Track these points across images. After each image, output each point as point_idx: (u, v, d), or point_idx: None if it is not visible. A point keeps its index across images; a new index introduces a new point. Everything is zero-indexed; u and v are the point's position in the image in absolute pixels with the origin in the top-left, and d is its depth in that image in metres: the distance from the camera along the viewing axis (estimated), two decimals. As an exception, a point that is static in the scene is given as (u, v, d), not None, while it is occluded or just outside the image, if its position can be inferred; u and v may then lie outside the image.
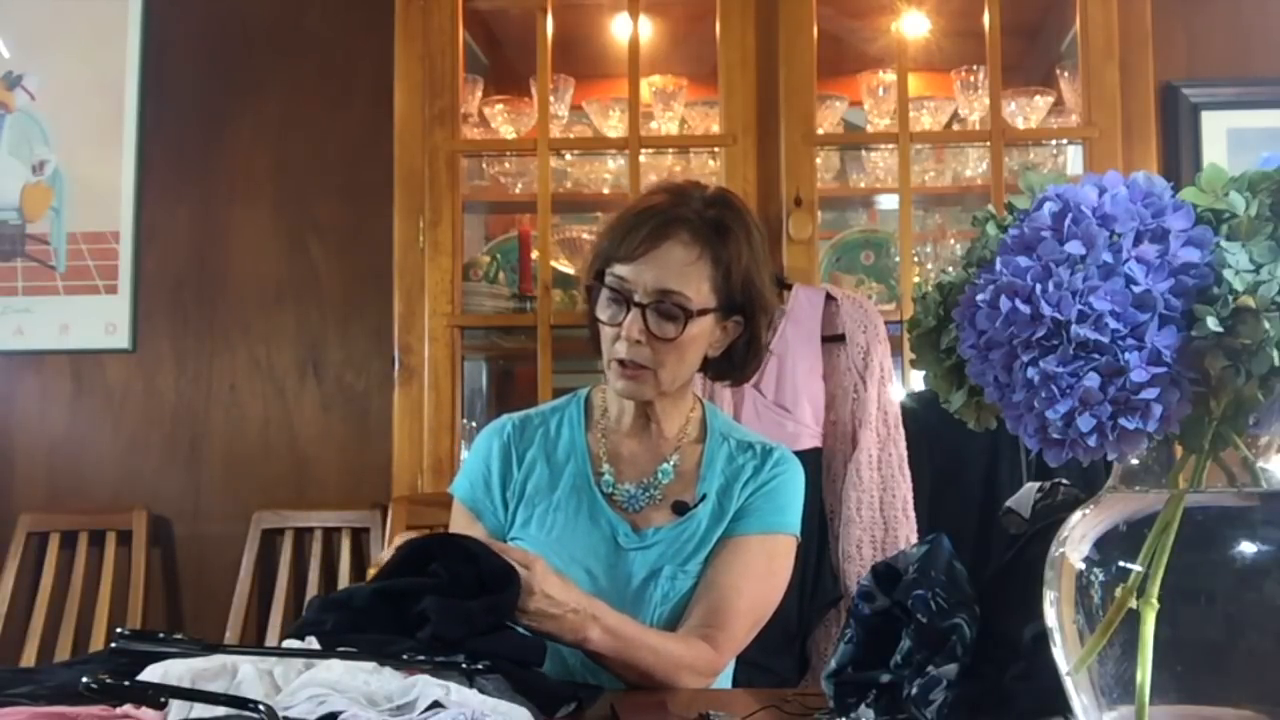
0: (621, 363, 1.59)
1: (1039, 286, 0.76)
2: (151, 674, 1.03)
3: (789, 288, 2.62)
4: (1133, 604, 0.77)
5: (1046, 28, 3.26)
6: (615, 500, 1.64)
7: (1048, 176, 0.83)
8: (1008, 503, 1.27)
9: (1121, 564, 0.80)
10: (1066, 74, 3.02)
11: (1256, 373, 0.73)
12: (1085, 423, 0.74)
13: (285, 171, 3.41)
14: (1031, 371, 0.76)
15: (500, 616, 1.29)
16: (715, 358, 1.66)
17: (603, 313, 1.60)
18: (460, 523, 1.69)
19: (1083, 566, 0.83)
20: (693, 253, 1.57)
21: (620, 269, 1.58)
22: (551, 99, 2.99)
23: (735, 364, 1.68)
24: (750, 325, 1.64)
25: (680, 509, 1.63)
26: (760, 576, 1.61)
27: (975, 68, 3.00)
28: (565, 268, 3.17)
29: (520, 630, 1.36)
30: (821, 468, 2.51)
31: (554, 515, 1.63)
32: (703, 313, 1.58)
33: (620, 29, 3.18)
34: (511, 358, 3.39)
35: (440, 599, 1.24)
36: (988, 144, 2.93)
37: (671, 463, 1.66)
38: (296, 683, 1.03)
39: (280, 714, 0.94)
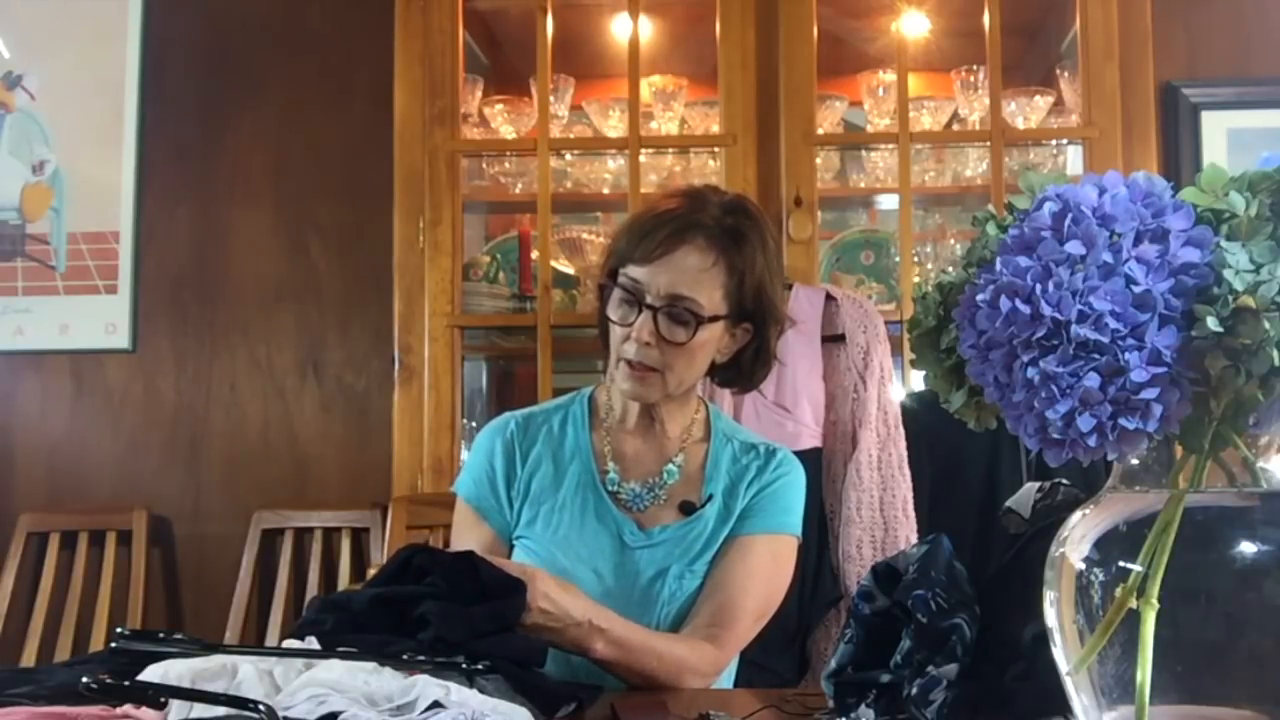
0: (630, 363, 1.59)
1: (1039, 286, 0.76)
2: (151, 674, 1.03)
3: (789, 288, 2.62)
4: (1133, 604, 0.77)
5: (1046, 28, 3.26)
6: (620, 499, 1.65)
7: (1048, 176, 0.83)
8: (1008, 503, 1.27)
9: (1121, 564, 0.80)
10: (1066, 74, 3.01)
11: (1256, 373, 0.73)
12: (1085, 423, 0.74)
13: (285, 171, 3.41)
14: (1031, 371, 0.76)
15: (503, 625, 1.29)
16: (723, 364, 1.67)
17: (614, 312, 1.61)
18: (465, 522, 1.69)
19: (1083, 566, 0.83)
20: (708, 259, 1.57)
21: (634, 270, 1.58)
22: (551, 99, 2.99)
23: (744, 371, 1.68)
24: (760, 333, 1.64)
25: (687, 509, 1.63)
26: (765, 577, 1.62)
27: (975, 68, 3.00)
28: (565, 268, 3.17)
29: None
30: (821, 468, 2.51)
31: (560, 514, 1.64)
32: (713, 319, 1.58)
33: (620, 29, 3.18)
34: (511, 358, 3.39)
35: (441, 604, 1.24)
36: (988, 144, 2.93)
37: (677, 463, 1.67)
38: (296, 683, 1.03)
39: (280, 714, 0.94)
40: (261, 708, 0.92)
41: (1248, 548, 0.80)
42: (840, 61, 3.17)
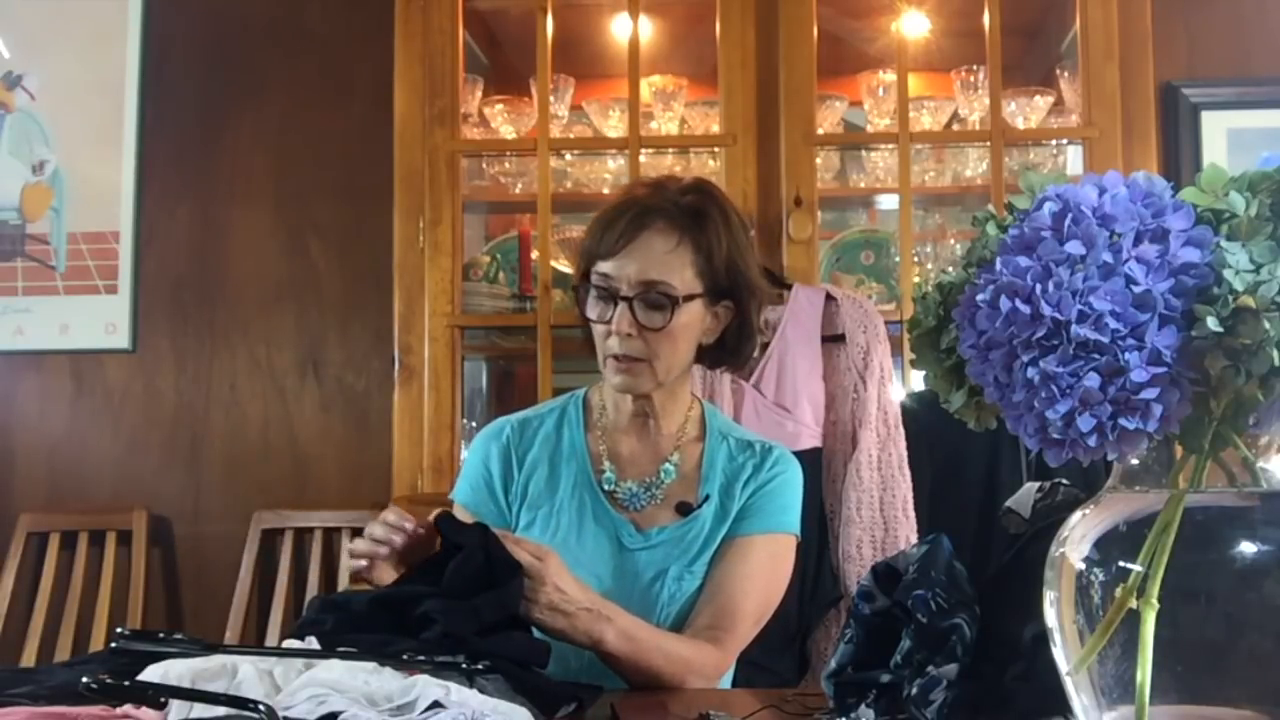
0: (617, 358, 1.59)
1: (1039, 286, 0.76)
2: (151, 674, 1.03)
3: (789, 287, 2.62)
4: (1133, 604, 0.77)
5: (1046, 28, 3.26)
6: (617, 498, 1.65)
7: (1048, 176, 0.83)
8: (1008, 503, 1.27)
9: (1121, 564, 0.80)
10: (1066, 74, 3.01)
11: (1256, 373, 0.73)
12: (1085, 423, 0.74)
13: (285, 171, 3.40)
14: (1031, 371, 0.76)
15: (505, 610, 1.28)
16: (709, 345, 1.66)
17: (592, 311, 1.61)
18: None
19: (1083, 566, 0.83)
20: (671, 240, 1.57)
21: (603, 265, 1.59)
22: (551, 99, 2.99)
23: (729, 349, 1.68)
24: (741, 309, 1.64)
25: (684, 510, 1.63)
26: (765, 577, 1.62)
27: (975, 68, 2.99)
28: (565, 268, 3.17)
29: (526, 631, 1.35)
30: (821, 468, 2.51)
31: (558, 517, 1.64)
32: (689, 298, 1.58)
33: (620, 29, 3.18)
34: (511, 358, 3.39)
35: (443, 600, 1.24)
36: (988, 144, 2.92)
37: (673, 462, 1.67)
38: (296, 683, 1.03)
39: (280, 714, 0.94)
40: (261, 708, 0.92)
41: (1248, 548, 0.79)
42: (840, 61, 3.16)
